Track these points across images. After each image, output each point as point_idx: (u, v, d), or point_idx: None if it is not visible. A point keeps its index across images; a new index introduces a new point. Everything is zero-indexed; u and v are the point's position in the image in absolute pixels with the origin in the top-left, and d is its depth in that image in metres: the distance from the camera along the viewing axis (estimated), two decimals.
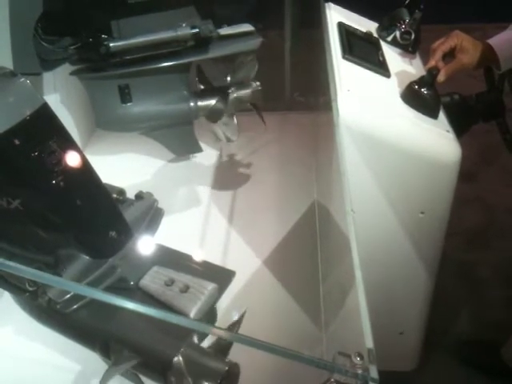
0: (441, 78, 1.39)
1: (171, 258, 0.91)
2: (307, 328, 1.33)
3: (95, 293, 0.73)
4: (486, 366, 1.91)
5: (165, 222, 1.06)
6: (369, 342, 0.67)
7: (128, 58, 1.36)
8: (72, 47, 1.39)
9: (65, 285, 0.76)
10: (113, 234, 0.81)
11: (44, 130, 0.74)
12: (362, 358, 0.64)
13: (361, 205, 1.27)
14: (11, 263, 0.73)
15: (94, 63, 1.39)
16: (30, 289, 0.80)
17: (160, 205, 1.07)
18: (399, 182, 1.36)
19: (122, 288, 0.83)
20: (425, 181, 1.36)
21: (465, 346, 2.01)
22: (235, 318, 0.86)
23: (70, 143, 0.77)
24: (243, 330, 0.86)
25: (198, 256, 0.97)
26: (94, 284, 0.80)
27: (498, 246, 2.37)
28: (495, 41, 1.41)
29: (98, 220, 0.81)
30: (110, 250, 0.81)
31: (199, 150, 1.58)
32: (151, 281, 0.83)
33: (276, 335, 1.25)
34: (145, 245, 0.89)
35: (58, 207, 0.76)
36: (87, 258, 0.80)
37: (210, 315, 0.85)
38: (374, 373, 0.64)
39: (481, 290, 2.22)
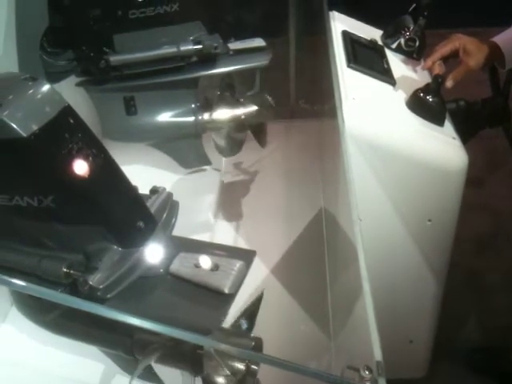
0: (449, 83, 1.38)
1: (194, 245, 0.98)
2: (315, 336, 1.33)
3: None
4: (496, 373, 1.89)
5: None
6: (377, 355, 0.66)
7: (131, 72, 1.37)
8: (75, 60, 1.40)
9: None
10: (140, 224, 0.86)
11: (70, 128, 0.79)
12: (370, 371, 0.63)
13: (367, 213, 1.26)
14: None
15: (99, 75, 1.40)
16: (66, 282, 0.83)
17: None
18: (406, 189, 1.35)
19: (152, 276, 0.89)
20: (432, 188, 1.35)
21: (474, 352, 1.99)
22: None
23: (94, 140, 0.83)
24: None
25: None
26: (128, 273, 0.85)
27: (507, 253, 2.35)
28: (501, 39, 1.41)
29: (126, 211, 0.86)
30: (139, 239, 0.87)
31: (208, 162, 1.58)
32: (181, 265, 0.89)
33: (284, 343, 1.25)
34: (168, 233, 0.95)
35: (88, 202, 0.81)
36: (119, 248, 0.85)
37: None
38: None
39: (490, 296, 2.20)
